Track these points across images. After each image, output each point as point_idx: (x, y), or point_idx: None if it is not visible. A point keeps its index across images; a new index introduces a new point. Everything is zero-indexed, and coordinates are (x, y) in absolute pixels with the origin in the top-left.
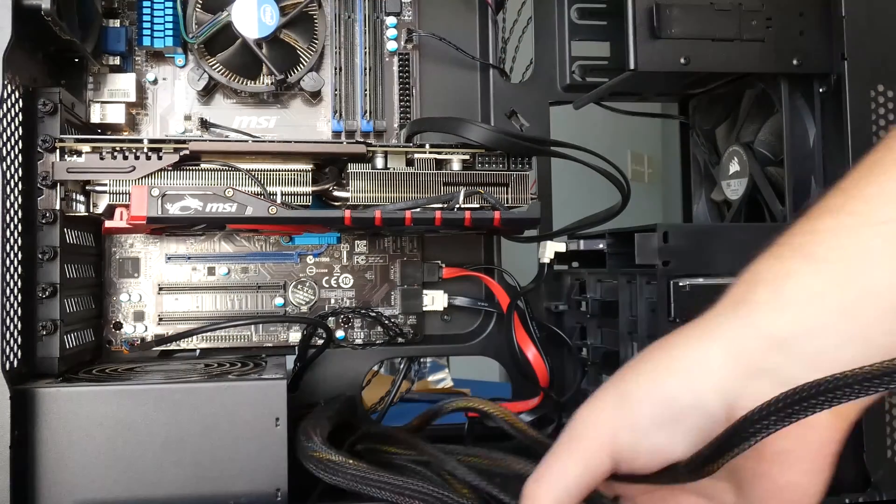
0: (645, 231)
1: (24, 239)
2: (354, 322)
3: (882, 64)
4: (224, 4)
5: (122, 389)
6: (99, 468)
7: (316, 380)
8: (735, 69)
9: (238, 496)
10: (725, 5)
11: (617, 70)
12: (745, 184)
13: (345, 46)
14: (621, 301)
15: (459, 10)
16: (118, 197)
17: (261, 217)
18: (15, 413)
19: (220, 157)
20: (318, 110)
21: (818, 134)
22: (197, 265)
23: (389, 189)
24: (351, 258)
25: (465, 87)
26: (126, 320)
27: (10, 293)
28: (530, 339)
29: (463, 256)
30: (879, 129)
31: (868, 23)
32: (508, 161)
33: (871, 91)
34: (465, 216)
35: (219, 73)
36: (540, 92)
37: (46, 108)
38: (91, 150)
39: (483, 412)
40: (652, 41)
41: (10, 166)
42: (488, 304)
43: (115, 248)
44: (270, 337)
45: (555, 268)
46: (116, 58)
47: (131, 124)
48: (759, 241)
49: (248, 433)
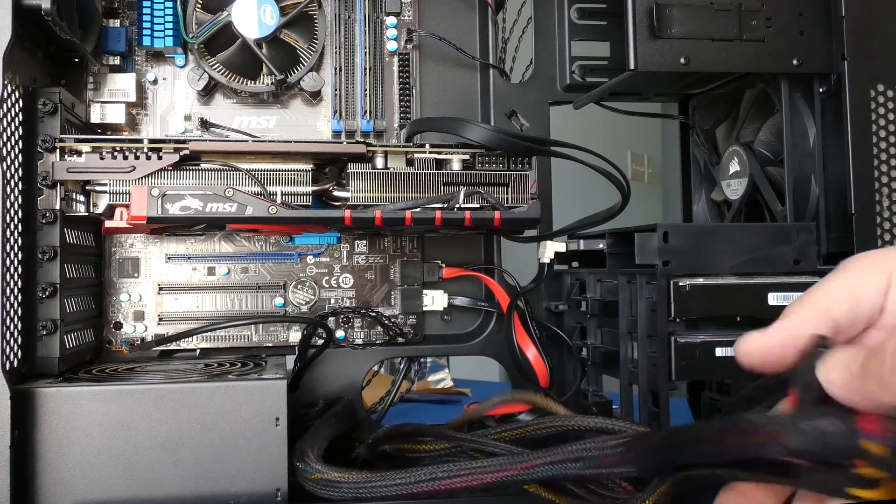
0: (645, 231)
1: (24, 239)
2: (354, 322)
3: (882, 64)
4: (224, 4)
5: (122, 389)
6: (99, 468)
7: (316, 380)
8: (735, 69)
9: (238, 496)
10: (725, 5)
11: (617, 70)
12: (745, 184)
13: (345, 46)
14: (621, 301)
15: (459, 10)
16: (118, 197)
17: (261, 217)
18: (15, 413)
19: (220, 157)
20: (318, 110)
21: (818, 134)
22: (197, 265)
23: (389, 189)
24: (351, 258)
25: (465, 87)
26: (126, 320)
27: (10, 293)
28: (530, 339)
29: (463, 256)
30: (879, 128)
31: (868, 23)
32: (508, 161)
33: (871, 91)
34: (465, 216)
35: (219, 73)
36: (540, 92)
37: (46, 108)
38: (91, 150)
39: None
40: (652, 41)
41: (10, 166)
42: (488, 304)
43: (115, 248)
44: (270, 337)
45: (555, 268)
46: (116, 58)
47: (131, 124)
48: (759, 241)
49: (248, 433)
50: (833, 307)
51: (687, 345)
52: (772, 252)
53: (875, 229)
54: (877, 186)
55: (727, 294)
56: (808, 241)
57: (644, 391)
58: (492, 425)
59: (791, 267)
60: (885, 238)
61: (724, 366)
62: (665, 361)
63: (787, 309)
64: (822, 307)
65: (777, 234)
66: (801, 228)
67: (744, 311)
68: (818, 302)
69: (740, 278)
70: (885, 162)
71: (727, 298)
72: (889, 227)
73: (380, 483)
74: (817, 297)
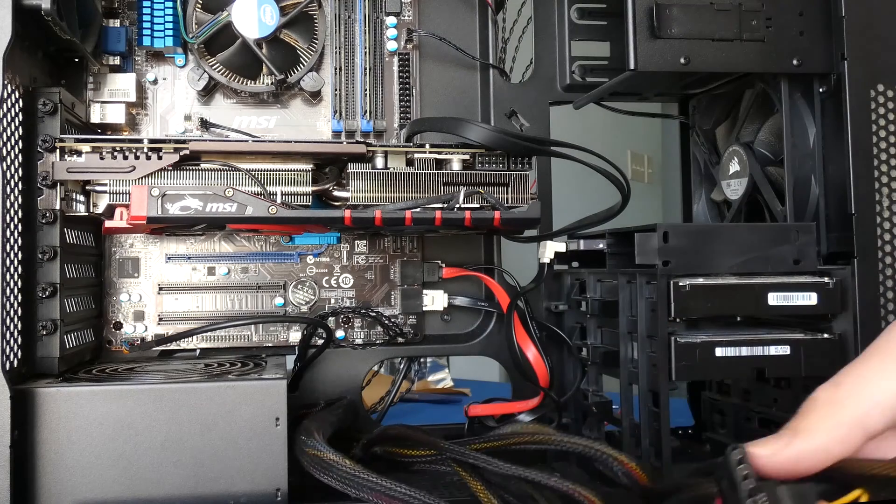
0: (645, 231)
1: (24, 239)
2: (354, 322)
3: (882, 64)
4: (224, 4)
5: (122, 389)
6: (99, 468)
7: (316, 380)
8: (735, 69)
9: (238, 496)
10: (725, 5)
11: (617, 70)
12: (745, 184)
13: (345, 46)
14: (621, 301)
15: (459, 10)
16: (118, 197)
17: (261, 217)
18: (15, 413)
19: (220, 157)
20: (318, 110)
21: (818, 134)
22: (197, 265)
23: (389, 189)
24: (351, 258)
25: (465, 87)
26: (126, 320)
27: (10, 293)
28: (530, 339)
29: (463, 256)
30: (879, 128)
31: (868, 23)
32: (508, 161)
33: (871, 91)
34: (465, 216)
35: (219, 73)
36: (540, 92)
37: (46, 108)
38: (91, 150)
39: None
40: (652, 41)
41: (10, 166)
42: (488, 304)
43: (115, 248)
44: (270, 337)
45: (555, 268)
46: (116, 58)
47: (131, 124)
48: (759, 241)
49: (248, 433)
50: (870, 421)
51: (687, 345)
52: (772, 252)
53: (875, 229)
54: (877, 186)
55: (727, 294)
56: (808, 241)
57: (644, 391)
58: (492, 425)
59: (791, 267)
60: (885, 238)
61: (724, 366)
62: (665, 361)
63: (813, 415)
64: (857, 422)
65: (777, 234)
66: (801, 228)
67: (744, 311)
68: (853, 415)
69: (740, 278)
70: (885, 162)
71: (727, 298)
72: (889, 227)
73: (365, 480)
74: (853, 408)
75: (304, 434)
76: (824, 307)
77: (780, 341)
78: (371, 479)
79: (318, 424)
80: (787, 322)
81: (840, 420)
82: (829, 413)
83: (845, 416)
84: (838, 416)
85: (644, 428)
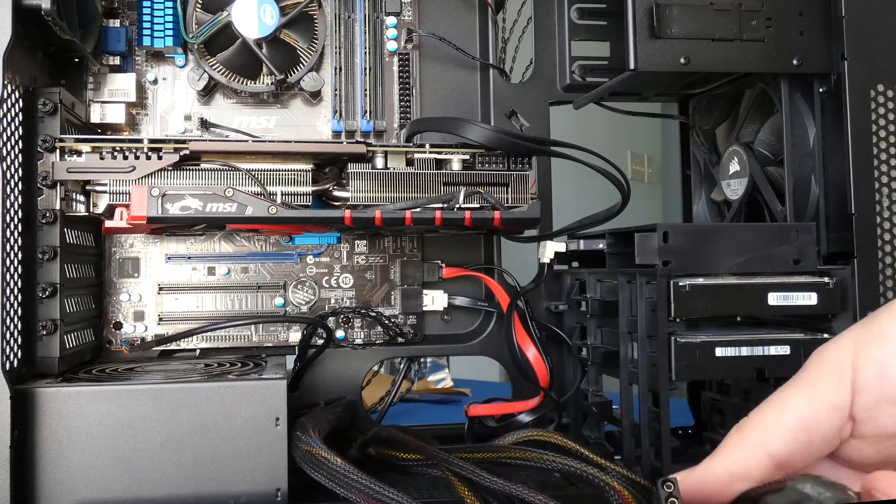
0: (645, 231)
1: (24, 239)
2: (354, 322)
3: (882, 64)
4: (224, 4)
5: (122, 389)
6: (99, 468)
7: (316, 380)
8: (735, 69)
9: (238, 496)
10: (725, 5)
11: (617, 70)
12: (745, 184)
13: (345, 46)
14: (621, 301)
15: (459, 10)
16: (118, 197)
17: (261, 217)
18: (15, 413)
19: (220, 157)
20: (318, 110)
21: (818, 134)
22: (197, 265)
23: (389, 189)
24: (351, 258)
25: (465, 87)
26: (126, 320)
27: (10, 293)
28: (530, 339)
29: (463, 256)
30: (879, 128)
31: (868, 23)
32: (508, 161)
33: (871, 91)
34: (465, 216)
35: (219, 73)
36: (540, 92)
37: (46, 108)
38: (91, 150)
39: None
40: (652, 41)
41: (10, 166)
42: (488, 304)
43: (115, 248)
44: (270, 337)
45: (555, 268)
46: (116, 58)
47: (131, 124)
48: (759, 241)
49: (248, 433)
50: (772, 444)
51: (687, 345)
52: (772, 252)
53: (875, 229)
54: (877, 186)
55: (727, 294)
56: (808, 241)
57: (644, 391)
58: (492, 425)
59: (791, 267)
60: (885, 238)
61: (724, 366)
62: (665, 361)
63: (725, 440)
64: (758, 444)
65: (777, 234)
66: (801, 228)
67: (744, 311)
68: (755, 438)
69: (740, 278)
70: (885, 162)
71: (727, 298)
72: (889, 227)
73: (354, 480)
74: (755, 431)
75: (300, 430)
76: (824, 307)
77: (780, 341)
78: (360, 479)
79: (315, 422)
80: (787, 322)
81: (740, 442)
82: (735, 437)
83: (747, 438)
84: (740, 438)
85: (644, 428)
